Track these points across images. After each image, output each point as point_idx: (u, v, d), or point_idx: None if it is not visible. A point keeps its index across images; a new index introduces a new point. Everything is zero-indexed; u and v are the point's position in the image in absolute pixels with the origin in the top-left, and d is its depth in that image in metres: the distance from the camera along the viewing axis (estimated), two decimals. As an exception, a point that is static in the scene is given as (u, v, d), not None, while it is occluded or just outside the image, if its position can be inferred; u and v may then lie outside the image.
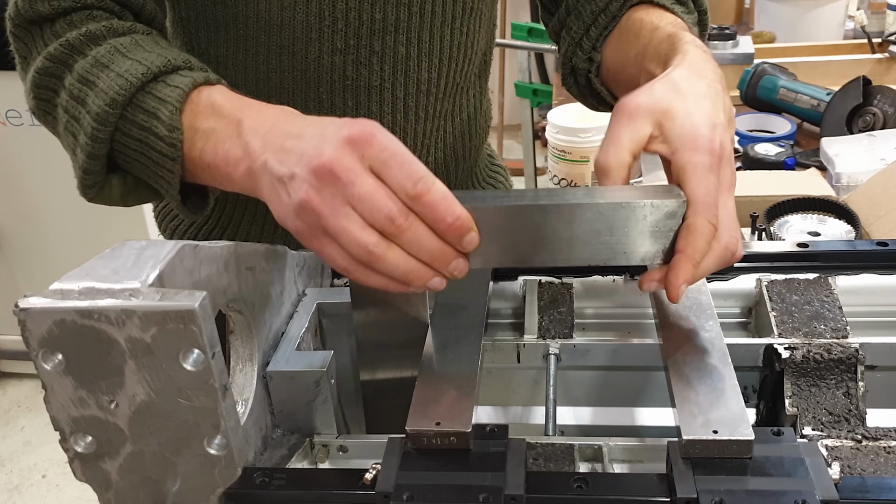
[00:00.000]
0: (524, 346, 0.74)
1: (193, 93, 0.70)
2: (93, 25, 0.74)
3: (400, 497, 0.54)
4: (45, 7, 0.75)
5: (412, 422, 0.58)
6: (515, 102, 3.11)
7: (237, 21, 0.84)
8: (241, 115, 0.65)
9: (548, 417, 0.69)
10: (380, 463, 0.57)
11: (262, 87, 0.88)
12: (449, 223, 0.58)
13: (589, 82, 0.92)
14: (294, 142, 0.60)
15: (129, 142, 0.72)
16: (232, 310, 0.62)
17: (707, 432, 0.55)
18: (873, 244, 0.78)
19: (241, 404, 0.62)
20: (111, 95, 0.70)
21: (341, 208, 0.57)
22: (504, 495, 0.53)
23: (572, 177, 1.54)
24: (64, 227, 2.50)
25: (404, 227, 0.57)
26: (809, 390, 0.69)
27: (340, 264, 0.59)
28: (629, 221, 0.61)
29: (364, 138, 0.57)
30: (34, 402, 2.77)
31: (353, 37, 0.85)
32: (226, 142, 0.65)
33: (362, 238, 0.57)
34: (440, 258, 0.59)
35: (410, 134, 0.93)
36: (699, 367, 0.62)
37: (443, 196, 0.57)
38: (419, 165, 0.57)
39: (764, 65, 1.74)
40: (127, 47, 0.73)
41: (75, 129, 0.74)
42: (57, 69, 0.74)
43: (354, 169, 0.56)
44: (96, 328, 0.50)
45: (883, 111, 1.53)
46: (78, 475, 0.56)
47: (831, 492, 0.52)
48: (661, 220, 0.61)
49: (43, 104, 0.77)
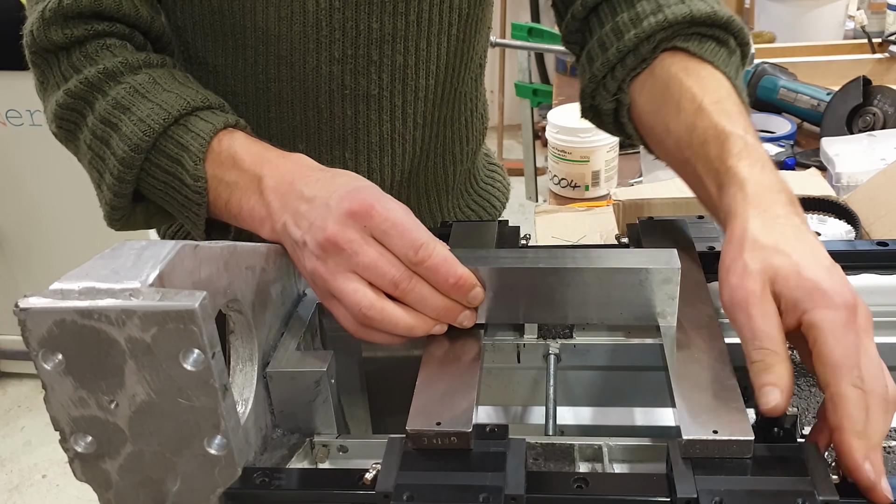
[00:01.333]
0: (524, 346, 0.74)
1: (214, 141, 0.74)
2: (109, 62, 0.77)
3: (400, 497, 0.54)
4: (60, 36, 0.77)
5: (413, 422, 0.58)
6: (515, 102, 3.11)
7: (235, 32, 0.84)
8: (262, 172, 0.70)
9: (548, 417, 0.69)
10: (380, 463, 0.57)
11: (262, 96, 0.88)
12: (451, 284, 0.62)
13: (616, 119, 0.85)
14: (307, 206, 0.65)
15: (154, 182, 0.76)
16: (232, 310, 0.62)
17: (707, 432, 0.55)
18: (873, 244, 0.77)
19: (241, 404, 0.62)
20: (135, 141, 0.74)
21: (344, 275, 0.62)
22: (504, 495, 0.53)
23: (572, 177, 1.54)
24: (64, 227, 2.50)
25: (408, 290, 0.62)
26: (809, 390, 0.69)
27: (344, 324, 0.64)
28: (626, 286, 0.64)
29: (364, 210, 0.61)
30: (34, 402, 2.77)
31: (350, 47, 0.85)
32: (250, 198, 0.70)
33: (356, 300, 0.61)
34: (446, 314, 0.64)
35: (409, 140, 0.93)
36: (699, 367, 0.62)
37: (444, 259, 0.62)
38: (419, 232, 0.61)
39: (764, 65, 1.74)
40: (146, 87, 0.76)
41: (101, 167, 0.78)
42: (78, 104, 0.78)
43: (356, 240, 0.61)
44: (96, 328, 0.50)
45: (883, 111, 1.53)
46: (78, 475, 0.56)
47: (831, 491, 0.52)
48: (657, 285, 0.64)
49: (65, 133, 0.81)
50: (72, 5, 0.76)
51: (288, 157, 0.72)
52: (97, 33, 0.78)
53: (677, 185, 1.25)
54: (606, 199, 1.52)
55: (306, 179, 0.67)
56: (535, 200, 3.00)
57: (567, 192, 1.56)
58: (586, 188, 1.54)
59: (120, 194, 0.77)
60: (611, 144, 1.51)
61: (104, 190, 0.79)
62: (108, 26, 0.78)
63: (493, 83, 3.87)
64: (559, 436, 0.68)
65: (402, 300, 0.63)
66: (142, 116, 0.74)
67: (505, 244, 0.78)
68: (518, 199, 3.09)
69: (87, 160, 0.79)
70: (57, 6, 0.76)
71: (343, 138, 0.91)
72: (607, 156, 1.52)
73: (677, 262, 0.63)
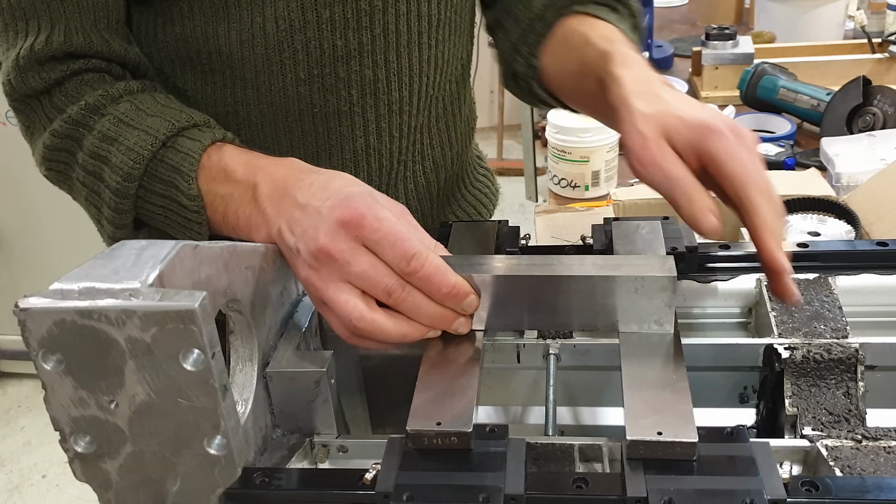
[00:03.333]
0: (524, 346, 0.74)
1: (204, 158, 0.74)
2: (90, 97, 0.77)
3: (400, 497, 0.54)
4: (37, 82, 0.77)
5: (413, 422, 0.58)
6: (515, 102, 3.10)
7: (200, 57, 0.84)
8: (256, 180, 0.70)
9: (548, 417, 0.69)
10: (380, 463, 0.57)
11: (232, 119, 0.87)
12: (445, 293, 0.63)
13: (529, 86, 0.92)
14: (300, 214, 0.65)
15: (153, 208, 0.77)
16: (232, 310, 0.62)
17: (652, 433, 0.55)
18: (873, 244, 0.77)
19: (241, 404, 0.62)
20: (126, 170, 0.74)
21: (336, 284, 0.62)
22: (504, 495, 0.53)
23: (572, 177, 1.54)
24: (64, 227, 2.50)
25: (402, 299, 0.62)
26: (809, 390, 0.69)
27: (337, 331, 0.65)
28: (620, 293, 0.64)
29: (356, 220, 0.62)
30: (34, 402, 2.77)
31: (315, 66, 0.84)
32: (246, 207, 0.70)
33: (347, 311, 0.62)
34: (441, 321, 0.65)
35: (386, 154, 0.92)
36: (652, 369, 0.62)
37: (436, 269, 0.62)
38: (411, 242, 0.62)
39: (764, 65, 1.74)
40: (129, 115, 0.76)
41: (97, 202, 0.78)
42: (65, 144, 0.78)
43: (348, 249, 0.61)
44: (96, 328, 0.50)
45: (883, 111, 1.53)
46: (78, 475, 0.56)
47: (780, 491, 0.52)
48: (652, 293, 0.64)
49: (56, 175, 0.81)
50: (43, 50, 0.76)
51: (281, 162, 0.72)
52: (74, 72, 0.78)
53: (677, 185, 1.25)
54: (606, 199, 1.52)
55: (300, 185, 0.67)
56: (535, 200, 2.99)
57: (567, 192, 1.56)
58: (586, 188, 1.54)
59: (120, 225, 0.78)
60: (611, 144, 1.51)
61: (104, 224, 0.79)
62: (83, 63, 0.78)
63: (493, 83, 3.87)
64: (559, 436, 0.69)
65: (396, 308, 0.63)
66: (129, 145, 0.74)
67: (505, 244, 0.78)
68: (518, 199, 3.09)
69: (84, 197, 0.80)
70: (29, 52, 0.76)
71: (317, 156, 0.89)
72: (607, 156, 1.52)
73: (674, 270, 0.63)
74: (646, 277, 0.63)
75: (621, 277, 0.63)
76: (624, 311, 0.65)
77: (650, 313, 0.65)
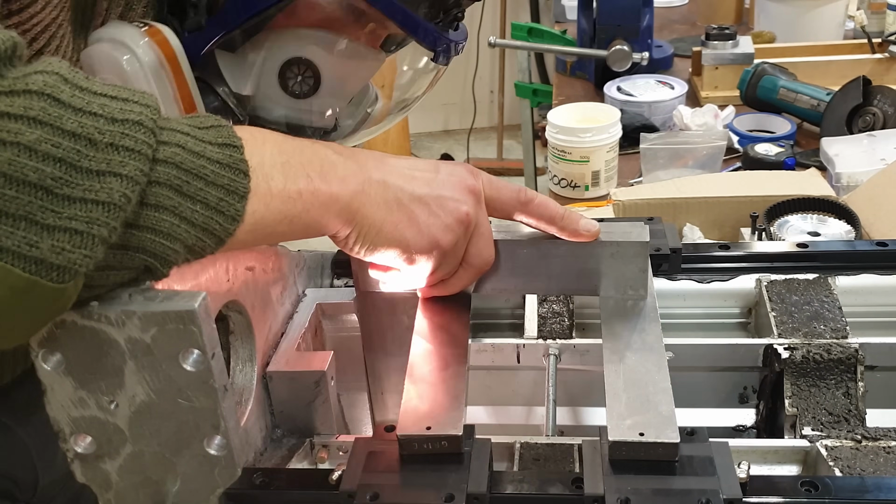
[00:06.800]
0: (524, 346, 0.74)
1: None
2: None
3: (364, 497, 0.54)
4: None
5: (403, 426, 0.58)
6: (515, 102, 3.11)
7: None
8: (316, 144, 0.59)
9: (548, 417, 0.69)
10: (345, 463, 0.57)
11: None
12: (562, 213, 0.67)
13: None
14: (421, 174, 0.62)
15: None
16: (232, 310, 0.62)
17: (633, 434, 0.55)
18: (873, 244, 0.78)
19: (242, 404, 0.62)
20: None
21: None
22: (467, 494, 0.53)
23: (572, 177, 1.54)
24: (64, 228, 2.50)
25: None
26: (809, 390, 0.69)
27: (476, 255, 0.65)
28: (597, 258, 0.67)
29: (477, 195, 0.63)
30: (34, 402, 2.77)
31: None
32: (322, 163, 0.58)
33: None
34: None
35: None
36: (635, 370, 0.62)
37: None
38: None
39: (764, 65, 1.74)
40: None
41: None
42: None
43: (482, 221, 0.64)
44: (96, 329, 0.50)
45: (883, 111, 1.53)
46: (78, 475, 0.56)
47: (736, 490, 0.53)
48: (628, 258, 0.67)
49: None
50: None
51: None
52: None
53: (677, 186, 1.25)
54: (606, 199, 1.52)
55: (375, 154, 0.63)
56: (535, 200, 2.99)
57: (567, 192, 1.56)
58: (586, 188, 1.54)
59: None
60: (611, 144, 1.51)
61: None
62: None
63: (493, 83, 3.87)
64: (559, 436, 0.69)
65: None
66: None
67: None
68: (518, 199, 3.07)
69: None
70: None
71: None
72: (607, 156, 1.52)
73: (646, 236, 0.67)
74: (621, 243, 0.67)
75: (599, 242, 0.67)
76: (602, 275, 0.68)
77: (627, 278, 0.68)
